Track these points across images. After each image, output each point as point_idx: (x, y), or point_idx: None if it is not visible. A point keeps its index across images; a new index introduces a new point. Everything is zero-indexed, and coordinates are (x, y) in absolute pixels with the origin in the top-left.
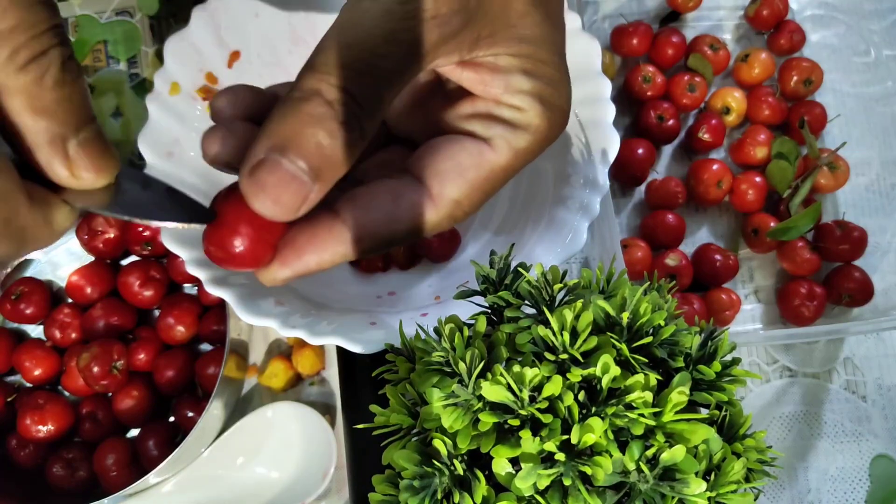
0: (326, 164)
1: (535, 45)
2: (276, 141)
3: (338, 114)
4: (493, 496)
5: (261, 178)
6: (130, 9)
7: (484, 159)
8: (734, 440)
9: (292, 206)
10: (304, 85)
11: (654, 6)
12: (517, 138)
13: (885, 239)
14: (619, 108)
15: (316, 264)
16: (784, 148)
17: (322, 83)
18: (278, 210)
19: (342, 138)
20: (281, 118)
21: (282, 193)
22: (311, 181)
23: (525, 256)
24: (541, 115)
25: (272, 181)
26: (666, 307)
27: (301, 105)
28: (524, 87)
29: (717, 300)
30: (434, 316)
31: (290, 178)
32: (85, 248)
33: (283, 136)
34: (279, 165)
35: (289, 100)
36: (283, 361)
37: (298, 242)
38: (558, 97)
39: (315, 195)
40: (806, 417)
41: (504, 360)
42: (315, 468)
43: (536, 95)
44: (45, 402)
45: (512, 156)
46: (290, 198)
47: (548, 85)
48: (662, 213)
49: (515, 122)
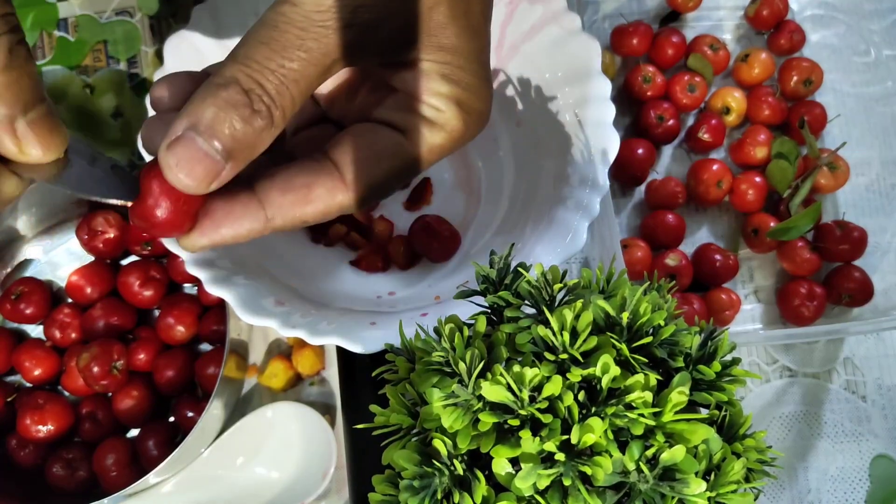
0: (238, 146)
1: (453, 53)
2: (193, 120)
3: (251, 102)
4: (493, 496)
5: (176, 152)
6: (130, 9)
7: (399, 150)
8: (734, 440)
9: (204, 180)
10: (225, 72)
11: (654, 6)
12: (433, 135)
13: (885, 239)
14: (619, 108)
15: (231, 236)
16: (784, 148)
17: (240, 73)
18: (191, 183)
19: (254, 125)
20: (201, 101)
21: (194, 168)
22: (224, 160)
23: (525, 256)
24: (457, 117)
25: (186, 156)
26: (666, 307)
27: (220, 90)
28: (442, 91)
29: (717, 300)
30: (434, 316)
31: (203, 155)
32: (85, 248)
33: (200, 116)
34: (194, 142)
35: (210, 84)
36: (283, 361)
37: (217, 215)
38: (476, 101)
39: (227, 173)
40: (806, 417)
41: (504, 360)
42: (315, 468)
43: (454, 99)
44: (45, 402)
45: (426, 150)
46: (202, 173)
47: (465, 90)
48: (662, 213)
49: (433, 120)
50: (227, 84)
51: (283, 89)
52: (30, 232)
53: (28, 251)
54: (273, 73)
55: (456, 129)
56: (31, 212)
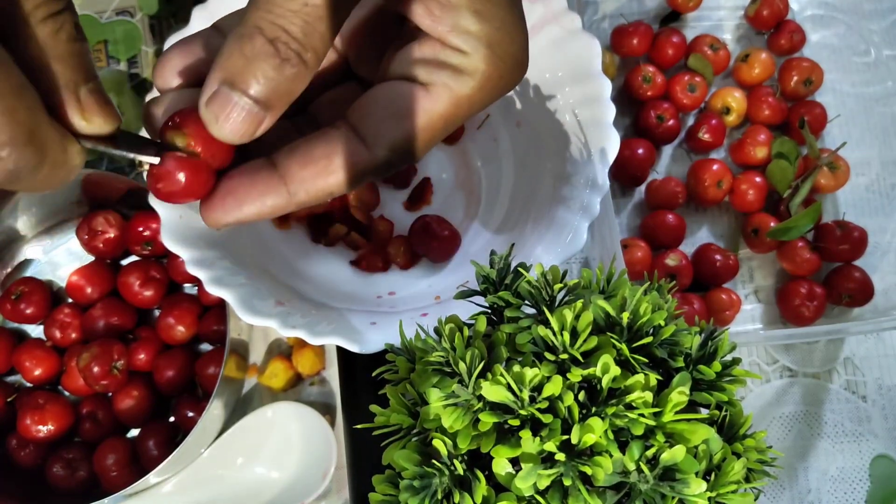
0: (273, 95)
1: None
2: (225, 75)
3: (279, 51)
4: (493, 496)
5: (214, 107)
6: (130, 9)
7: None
8: (734, 440)
9: (248, 130)
10: (248, 21)
11: (654, 6)
12: (459, 84)
13: (885, 239)
14: (619, 108)
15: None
16: (784, 148)
17: (263, 21)
18: (235, 134)
19: (285, 72)
20: (229, 54)
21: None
22: (262, 110)
23: (525, 256)
24: (486, 60)
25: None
26: (666, 307)
27: (245, 42)
28: (472, 29)
29: (717, 300)
30: (434, 316)
31: (240, 108)
32: (85, 248)
33: (231, 70)
34: (230, 97)
35: (236, 35)
36: (283, 361)
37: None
38: (510, 44)
39: (268, 121)
40: (806, 417)
41: (504, 360)
42: (315, 468)
43: (484, 39)
44: (45, 402)
45: (452, 103)
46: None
47: (498, 30)
48: (662, 213)
49: (459, 67)
50: (252, 34)
51: (310, 29)
52: (30, 232)
53: (28, 251)
54: (296, 15)
55: (486, 76)
56: (31, 212)
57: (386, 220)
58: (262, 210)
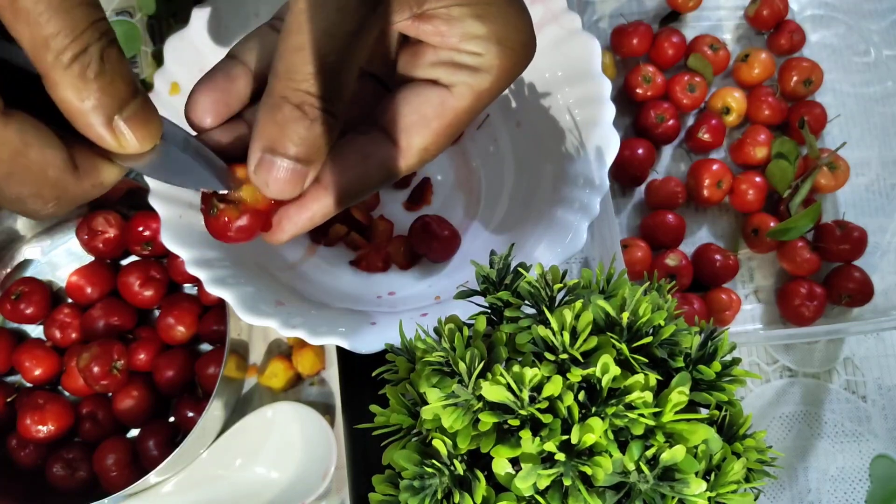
0: (310, 150)
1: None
2: (265, 143)
3: (306, 113)
4: (493, 496)
5: (262, 174)
6: (130, 9)
7: (447, 107)
8: (734, 440)
9: (294, 188)
10: (274, 92)
11: (654, 6)
12: (478, 81)
13: (885, 239)
14: (619, 108)
15: (308, 224)
16: (784, 148)
17: (287, 90)
18: (285, 194)
19: (316, 130)
20: (264, 124)
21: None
22: (304, 167)
23: (525, 256)
24: (499, 55)
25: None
26: (666, 307)
27: (276, 112)
28: (479, 33)
29: (717, 300)
30: (434, 316)
31: (284, 169)
32: (85, 248)
33: (269, 138)
34: (273, 163)
35: (266, 106)
36: (283, 361)
37: (290, 212)
38: (516, 33)
39: (312, 173)
40: (806, 417)
41: (504, 360)
42: (315, 468)
43: (493, 38)
44: (45, 402)
45: (474, 98)
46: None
47: (504, 26)
48: (662, 213)
49: (476, 66)
50: (280, 105)
51: (331, 84)
52: (30, 232)
53: (28, 251)
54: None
55: (501, 68)
56: None
57: (386, 220)
58: (314, 220)
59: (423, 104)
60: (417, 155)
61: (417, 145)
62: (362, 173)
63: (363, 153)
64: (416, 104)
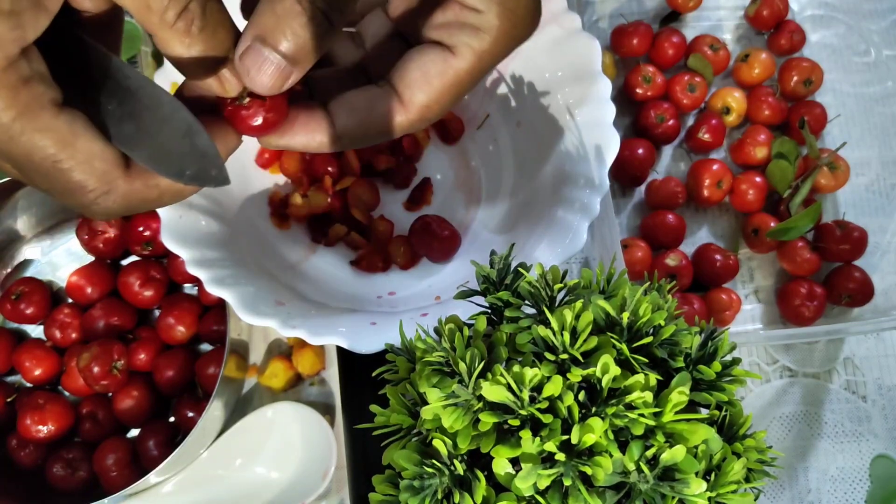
0: (300, 51)
1: None
2: (257, 31)
3: (306, 10)
4: (493, 496)
5: (247, 61)
6: None
7: (448, 66)
8: (734, 440)
9: (276, 83)
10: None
11: (654, 6)
12: (479, 41)
13: (885, 239)
14: (619, 108)
15: (303, 145)
16: (784, 148)
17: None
18: (263, 87)
19: (312, 31)
20: (261, 14)
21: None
22: (290, 65)
23: (525, 256)
24: (500, 15)
25: (256, 64)
26: (666, 307)
27: (276, 3)
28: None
29: (717, 300)
30: (434, 316)
31: (270, 62)
32: (85, 248)
33: (263, 27)
34: (260, 52)
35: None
36: (283, 361)
37: (296, 124)
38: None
39: (295, 76)
40: (806, 417)
41: (504, 360)
42: (315, 468)
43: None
44: (45, 402)
45: (475, 59)
46: (272, 77)
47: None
48: (662, 213)
49: (476, 25)
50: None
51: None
52: (30, 232)
53: (28, 251)
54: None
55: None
56: (31, 212)
57: (386, 220)
58: (309, 144)
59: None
60: (419, 112)
61: (419, 101)
62: (365, 118)
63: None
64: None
